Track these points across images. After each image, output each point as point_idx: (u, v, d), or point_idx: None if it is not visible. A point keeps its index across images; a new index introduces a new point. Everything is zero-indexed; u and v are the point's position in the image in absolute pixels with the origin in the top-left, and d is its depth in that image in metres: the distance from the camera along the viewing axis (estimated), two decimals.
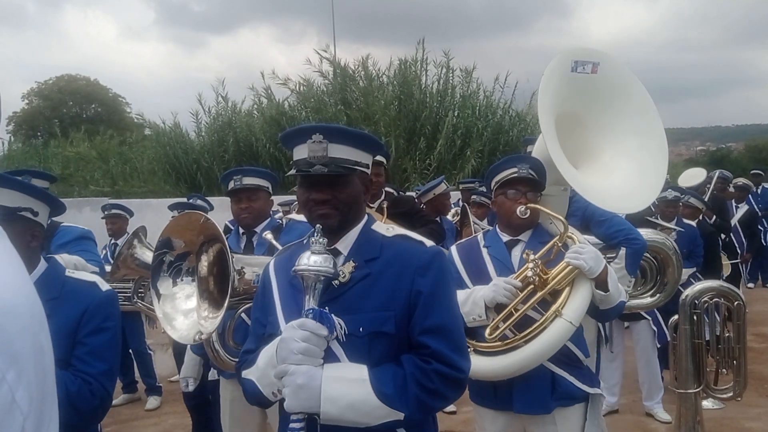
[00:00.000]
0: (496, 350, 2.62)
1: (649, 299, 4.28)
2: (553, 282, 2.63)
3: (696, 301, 4.10)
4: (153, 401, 6.18)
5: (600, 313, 2.81)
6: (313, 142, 1.79)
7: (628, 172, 2.94)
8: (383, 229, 1.94)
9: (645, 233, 4.08)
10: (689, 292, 4.16)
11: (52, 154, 19.60)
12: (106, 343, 2.14)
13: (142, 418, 5.89)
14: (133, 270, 3.62)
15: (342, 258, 1.85)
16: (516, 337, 2.59)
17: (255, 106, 17.01)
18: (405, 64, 16.27)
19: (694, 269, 5.51)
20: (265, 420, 3.37)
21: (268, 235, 3.10)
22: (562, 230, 2.74)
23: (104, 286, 2.23)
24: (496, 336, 2.62)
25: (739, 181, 10.02)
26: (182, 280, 2.71)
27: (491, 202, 3.01)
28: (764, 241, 10.50)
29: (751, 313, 5.60)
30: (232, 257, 2.57)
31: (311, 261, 1.74)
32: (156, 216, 6.96)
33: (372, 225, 1.94)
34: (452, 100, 16.23)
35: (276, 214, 3.81)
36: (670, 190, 5.46)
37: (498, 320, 2.64)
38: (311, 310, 1.71)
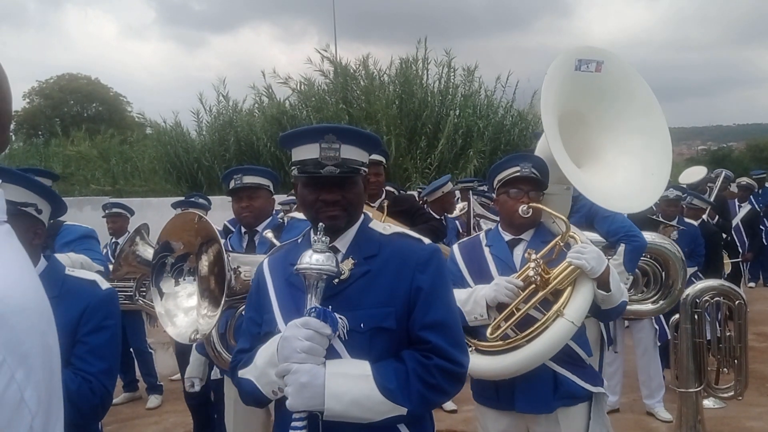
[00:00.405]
0: (497, 349, 2.61)
1: (650, 306, 4.21)
2: (555, 282, 2.62)
3: (697, 300, 4.10)
4: (154, 400, 6.18)
5: (602, 313, 2.81)
6: (326, 142, 1.79)
7: (631, 172, 2.93)
8: (380, 227, 1.95)
9: (650, 237, 4.07)
10: (690, 291, 4.16)
11: (53, 153, 19.63)
12: (106, 342, 2.13)
13: (143, 417, 5.89)
14: (135, 267, 3.62)
15: (340, 256, 1.86)
16: (517, 336, 2.59)
17: (256, 105, 17.03)
18: (406, 63, 16.26)
19: (696, 268, 5.51)
20: (269, 419, 3.36)
21: (269, 234, 3.10)
22: (564, 230, 2.74)
23: (104, 285, 2.22)
24: (498, 335, 2.62)
25: (742, 180, 10.02)
26: (184, 280, 2.72)
27: (494, 201, 3.00)
28: (765, 240, 10.49)
29: (752, 313, 5.60)
30: (228, 257, 2.57)
31: (313, 259, 1.73)
32: (157, 215, 6.96)
33: (369, 223, 1.95)
34: (453, 99, 16.22)
35: (278, 214, 3.80)
36: (671, 189, 5.45)
37: (500, 319, 2.63)
38: (314, 308, 1.71)
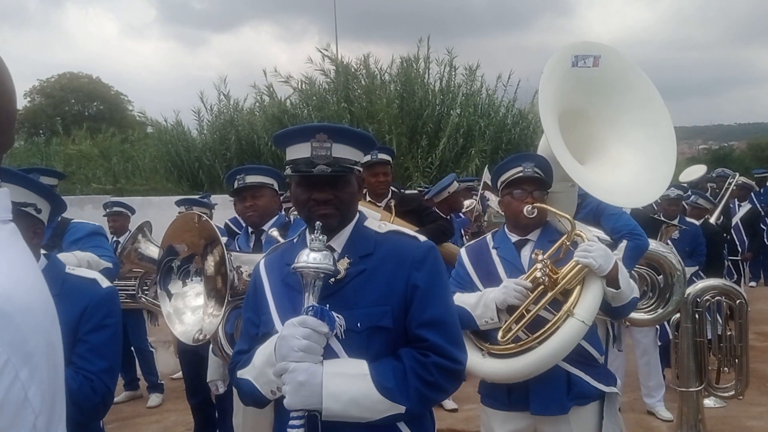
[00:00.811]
0: (510, 352, 2.59)
1: (644, 315, 4.16)
2: (564, 281, 2.60)
3: (698, 300, 4.10)
4: (155, 398, 6.18)
5: (613, 311, 2.77)
6: (317, 141, 1.78)
7: (636, 165, 2.89)
8: (375, 225, 1.94)
9: (654, 245, 4.05)
10: (691, 290, 4.15)
11: (55, 152, 19.62)
12: (107, 341, 2.13)
13: (144, 416, 5.89)
14: (137, 265, 3.62)
15: (336, 255, 1.84)
16: (529, 338, 2.56)
17: (257, 104, 17.01)
18: (407, 62, 16.25)
19: (697, 268, 5.51)
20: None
21: (275, 233, 3.10)
22: (569, 229, 2.72)
23: (104, 283, 2.22)
24: (509, 338, 2.60)
25: (739, 179, 10.02)
26: (192, 280, 2.72)
27: (498, 202, 2.99)
28: (767, 239, 10.48)
29: (753, 312, 5.59)
30: (230, 256, 2.57)
31: (311, 258, 1.73)
32: (158, 213, 6.98)
33: (364, 222, 1.94)
34: (455, 98, 16.21)
35: (282, 212, 3.79)
36: (672, 189, 5.44)
37: (510, 322, 2.61)
38: (311, 307, 1.71)
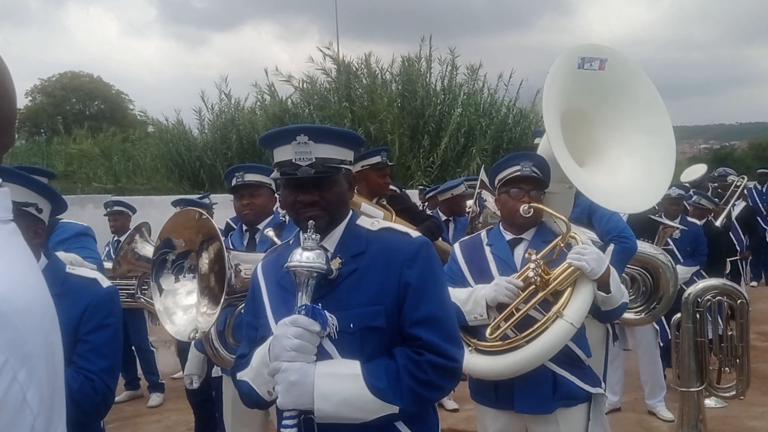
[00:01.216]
0: (497, 350, 2.61)
1: (632, 315, 4.16)
2: (555, 283, 2.62)
3: (699, 299, 4.09)
4: (155, 398, 6.18)
5: (602, 315, 2.80)
6: (298, 143, 1.77)
7: (634, 171, 2.90)
8: (368, 223, 1.92)
9: (641, 246, 4.06)
10: (692, 290, 4.15)
11: (55, 151, 19.61)
12: (108, 340, 2.13)
13: (145, 415, 5.90)
14: (134, 265, 3.62)
15: (329, 255, 1.83)
16: (517, 336, 2.58)
17: (258, 104, 17.02)
18: (409, 62, 16.25)
19: (698, 267, 5.51)
20: (268, 417, 3.37)
21: (270, 233, 3.10)
22: (564, 230, 2.73)
23: (105, 283, 2.22)
24: (497, 335, 2.61)
25: (732, 179, 10.00)
26: (184, 277, 2.72)
27: (495, 200, 3.00)
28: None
29: (754, 312, 5.59)
30: (229, 255, 2.57)
31: (303, 257, 1.72)
32: (159, 213, 6.97)
33: (356, 220, 1.92)
34: (456, 97, 16.21)
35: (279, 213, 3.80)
36: (674, 188, 5.44)
37: (499, 320, 2.63)
38: (304, 306, 1.70)
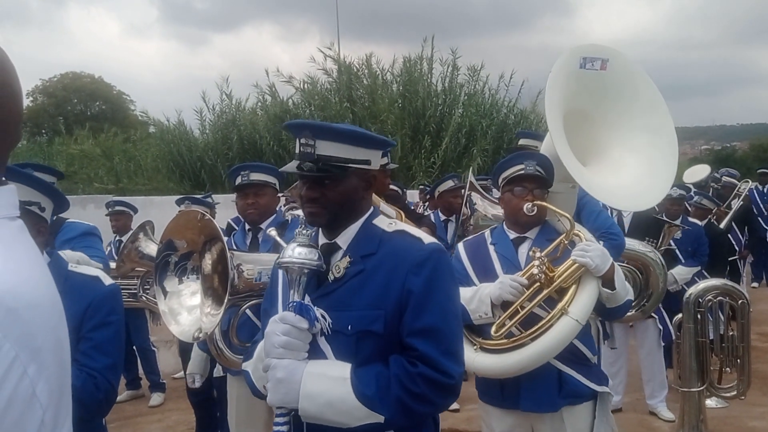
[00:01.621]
0: (502, 348, 2.61)
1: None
2: (560, 280, 2.62)
3: (700, 300, 4.09)
4: (156, 398, 6.20)
5: (607, 312, 2.80)
6: (304, 139, 1.77)
7: (637, 170, 2.91)
8: (385, 223, 1.87)
9: (631, 244, 4.08)
10: (693, 290, 4.15)
11: (57, 152, 19.64)
12: (110, 338, 2.14)
13: (146, 415, 5.91)
14: (138, 263, 3.63)
15: (341, 253, 1.82)
16: (522, 334, 2.58)
17: (259, 104, 17.03)
18: (410, 62, 16.26)
19: (699, 268, 5.51)
20: (272, 417, 3.36)
21: (273, 232, 3.10)
22: (568, 228, 2.73)
23: (107, 281, 2.23)
24: (502, 333, 2.61)
25: (726, 180, 9.98)
26: (188, 278, 2.72)
27: (499, 199, 3.00)
28: None
29: (755, 313, 5.59)
30: (232, 255, 2.57)
31: (295, 253, 1.72)
32: (160, 213, 6.97)
33: (374, 219, 1.87)
34: (457, 98, 16.22)
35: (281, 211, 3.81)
36: (675, 188, 5.44)
37: (504, 317, 2.63)
38: (293, 302, 1.70)
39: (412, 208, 5.04)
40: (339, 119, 14.42)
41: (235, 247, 3.31)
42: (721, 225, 7.25)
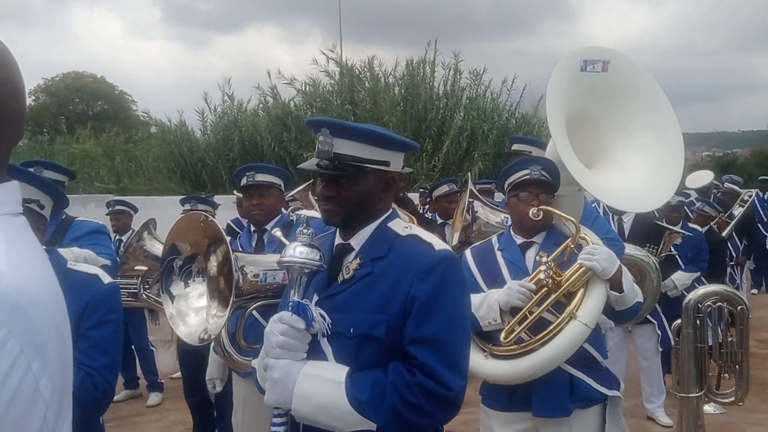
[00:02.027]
0: (512, 354, 2.59)
1: None
2: (567, 284, 2.61)
3: (699, 305, 4.09)
4: (154, 397, 6.19)
5: (616, 315, 2.78)
6: (322, 136, 1.75)
7: (644, 170, 2.89)
8: (400, 227, 1.82)
9: (627, 249, 4.08)
10: (692, 296, 4.15)
11: (58, 151, 19.65)
12: (109, 336, 2.14)
13: (143, 414, 5.90)
14: (143, 262, 3.64)
15: (353, 254, 1.79)
16: (532, 340, 2.57)
17: (261, 106, 17.04)
18: (412, 65, 16.28)
19: (698, 274, 5.51)
20: None
21: (278, 233, 3.09)
22: (574, 232, 2.72)
23: (106, 279, 2.23)
24: (512, 339, 2.60)
25: (729, 186, 9.97)
26: (194, 281, 2.71)
27: (506, 204, 2.99)
28: None
29: (754, 319, 5.58)
30: (235, 257, 2.57)
31: (297, 252, 1.70)
32: (160, 213, 6.98)
33: (390, 222, 1.83)
34: (459, 102, 16.23)
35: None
36: (674, 196, 5.44)
37: (513, 323, 2.62)
38: (291, 302, 1.68)
39: None
40: None
41: (240, 249, 3.30)
42: (723, 233, 7.25)
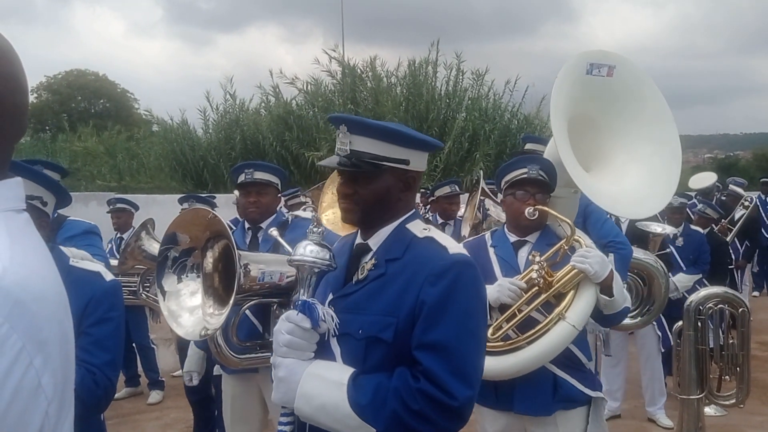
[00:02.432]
0: (498, 350, 2.60)
1: (627, 320, 4.13)
2: (558, 285, 2.62)
3: (700, 307, 4.08)
4: (155, 395, 6.19)
5: (604, 318, 2.80)
6: (341, 132, 1.74)
7: (639, 179, 2.90)
8: (419, 229, 1.77)
9: (636, 254, 4.07)
10: (694, 298, 4.14)
11: (60, 149, 19.69)
12: (110, 334, 2.14)
13: (144, 412, 5.90)
14: (140, 261, 3.64)
15: (371, 254, 1.77)
16: (519, 337, 2.58)
17: (262, 105, 17.06)
18: (414, 66, 16.29)
19: (700, 276, 5.51)
20: (267, 415, 3.37)
21: (274, 232, 3.11)
22: (569, 233, 2.73)
23: (108, 276, 2.23)
24: (499, 336, 2.61)
25: (732, 189, 9.96)
26: (187, 276, 2.70)
27: (501, 202, 3.00)
28: None
29: (755, 322, 5.59)
30: (239, 254, 2.57)
31: (307, 251, 1.70)
32: (162, 211, 6.98)
33: (409, 223, 1.79)
34: (461, 102, 16.23)
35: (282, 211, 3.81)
36: (676, 197, 5.44)
37: (501, 320, 2.63)
38: (299, 302, 1.67)
39: None
40: None
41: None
42: (727, 239, 7.25)
